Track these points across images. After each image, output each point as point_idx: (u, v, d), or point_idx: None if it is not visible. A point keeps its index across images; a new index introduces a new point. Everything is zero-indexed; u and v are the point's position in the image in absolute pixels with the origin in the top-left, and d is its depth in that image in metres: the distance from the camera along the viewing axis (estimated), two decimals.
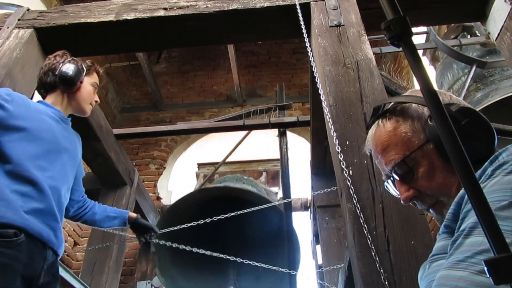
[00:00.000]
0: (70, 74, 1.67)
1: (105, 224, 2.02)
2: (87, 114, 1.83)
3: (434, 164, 0.75)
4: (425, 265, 0.71)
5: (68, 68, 1.67)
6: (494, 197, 0.55)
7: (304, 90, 5.72)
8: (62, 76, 1.67)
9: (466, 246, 0.54)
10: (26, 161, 1.44)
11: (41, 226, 1.41)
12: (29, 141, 1.48)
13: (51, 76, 1.69)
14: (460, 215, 0.60)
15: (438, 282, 0.55)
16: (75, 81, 1.69)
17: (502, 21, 1.73)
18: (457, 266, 0.53)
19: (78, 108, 1.76)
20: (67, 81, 1.67)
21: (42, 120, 1.56)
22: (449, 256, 0.57)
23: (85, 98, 1.76)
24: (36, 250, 1.40)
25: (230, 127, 3.28)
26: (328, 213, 3.02)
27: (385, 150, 0.81)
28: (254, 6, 1.95)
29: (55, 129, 1.60)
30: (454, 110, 0.73)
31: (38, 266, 1.40)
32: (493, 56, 3.17)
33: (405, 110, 0.81)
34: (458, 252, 0.55)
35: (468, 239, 0.54)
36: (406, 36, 0.50)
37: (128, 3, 2.06)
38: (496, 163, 0.61)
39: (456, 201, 0.63)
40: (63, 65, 1.69)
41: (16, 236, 1.31)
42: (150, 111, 5.91)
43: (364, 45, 1.70)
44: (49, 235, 1.44)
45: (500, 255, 0.38)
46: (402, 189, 0.80)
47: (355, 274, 1.19)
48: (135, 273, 3.94)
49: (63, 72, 1.67)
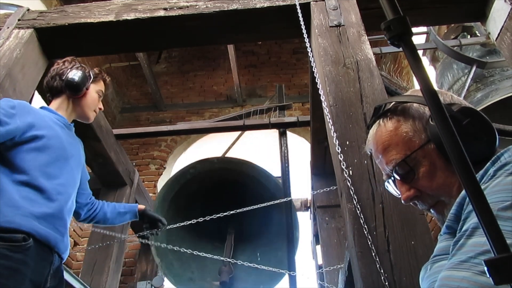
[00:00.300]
0: (77, 80, 1.70)
1: (116, 221, 2.06)
2: (91, 121, 1.87)
3: (435, 164, 0.75)
4: (427, 266, 0.71)
5: (75, 74, 1.70)
6: (496, 197, 0.55)
7: (304, 90, 5.71)
8: (69, 81, 1.70)
9: (468, 246, 0.54)
10: (35, 171, 1.46)
11: (49, 231, 1.43)
12: (39, 151, 1.50)
13: (58, 80, 1.72)
14: (462, 215, 0.60)
15: (441, 283, 0.55)
16: (81, 87, 1.72)
17: (502, 21, 1.73)
18: (460, 267, 0.53)
19: (82, 114, 1.79)
20: (73, 86, 1.70)
21: (49, 128, 1.58)
22: (451, 257, 0.57)
23: (89, 105, 1.78)
24: (43, 255, 1.41)
25: (230, 127, 3.29)
26: (328, 213, 3.02)
27: (386, 149, 0.81)
28: (254, 6, 1.94)
29: (61, 136, 1.62)
30: (456, 110, 0.73)
31: (45, 270, 1.42)
32: (493, 56, 3.17)
33: (406, 110, 0.81)
34: (460, 252, 0.55)
35: (471, 240, 0.54)
36: (406, 36, 0.50)
37: (128, 3, 2.06)
38: (498, 163, 0.61)
39: (458, 201, 0.63)
40: (71, 70, 1.72)
41: (24, 240, 1.33)
42: (150, 111, 5.91)
43: (364, 45, 1.69)
44: (56, 240, 1.46)
45: (500, 255, 0.38)
46: (403, 189, 0.80)
47: (355, 274, 1.19)
48: (135, 273, 3.94)
49: (70, 78, 1.70)
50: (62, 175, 1.55)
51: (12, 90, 1.78)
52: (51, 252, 1.45)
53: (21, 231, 1.34)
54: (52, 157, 1.53)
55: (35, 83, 1.97)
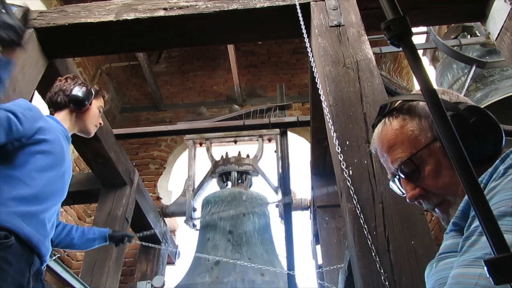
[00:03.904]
0: (81, 96, 1.77)
1: (84, 246, 2.06)
2: (91, 135, 1.92)
3: (440, 162, 0.75)
4: (432, 264, 0.70)
5: (79, 91, 1.78)
6: (509, 194, 0.55)
7: (304, 90, 5.71)
8: (74, 96, 1.77)
9: (482, 243, 0.54)
10: (32, 171, 1.48)
11: (32, 232, 1.42)
12: (42, 153, 1.53)
13: (62, 96, 1.78)
14: (471, 212, 0.60)
15: (455, 280, 0.54)
16: (85, 103, 1.79)
17: (502, 21, 1.73)
18: (476, 264, 0.52)
19: (84, 128, 1.85)
20: (77, 102, 1.78)
21: (55, 135, 1.62)
22: (462, 254, 0.56)
23: (91, 119, 1.85)
24: (23, 255, 1.40)
25: (230, 127, 3.29)
26: (328, 213, 3.02)
27: (391, 148, 0.80)
28: (254, 6, 1.94)
29: (63, 145, 1.66)
30: (462, 108, 0.73)
31: (25, 271, 1.41)
32: (493, 56, 3.17)
33: (412, 108, 0.80)
34: (474, 249, 0.54)
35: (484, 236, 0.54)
36: (406, 36, 0.50)
37: (128, 3, 2.06)
38: (508, 161, 0.61)
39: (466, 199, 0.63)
40: (75, 87, 1.79)
41: (6, 238, 1.32)
42: (150, 111, 5.91)
43: (364, 45, 1.69)
44: (38, 241, 1.45)
45: (500, 255, 0.38)
46: (408, 188, 0.79)
47: (355, 274, 1.19)
48: (135, 273, 3.94)
49: (74, 93, 1.77)
50: (55, 182, 1.58)
51: (12, 90, 1.79)
52: (31, 253, 1.44)
53: (3, 228, 1.32)
54: (52, 162, 1.56)
55: (35, 83, 1.97)
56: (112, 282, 2.71)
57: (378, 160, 1.28)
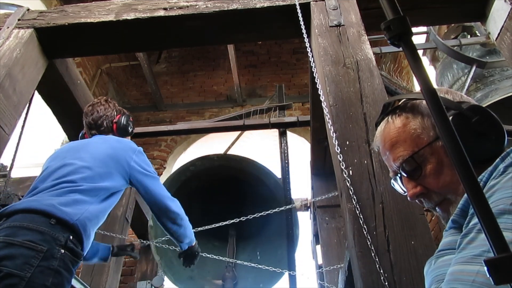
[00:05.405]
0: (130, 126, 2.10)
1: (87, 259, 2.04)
2: None
3: (442, 161, 0.75)
4: (431, 261, 0.71)
5: (127, 121, 2.08)
6: (508, 192, 0.55)
7: (304, 90, 5.71)
8: (124, 125, 2.05)
9: (481, 240, 0.54)
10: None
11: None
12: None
13: (108, 122, 2.01)
14: (470, 210, 0.60)
15: (453, 277, 0.55)
16: (131, 132, 2.12)
17: (502, 21, 1.73)
18: (474, 261, 0.52)
19: None
20: (126, 131, 2.07)
21: None
22: (460, 251, 0.56)
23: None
24: None
25: (230, 127, 3.29)
26: (328, 213, 3.02)
27: (393, 146, 0.81)
28: (254, 6, 1.94)
29: None
30: (465, 107, 0.73)
31: None
32: (493, 56, 3.17)
33: (415, 107, 0.81)
34: (472, 247, 0.54)
35: (482, 234, 0.54)
36: (406, 36, 0.50)
37: (128, 3, 2.06)
38: (508, 159, 0.61)
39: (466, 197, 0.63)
40: (122, 116, 2.06)
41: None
42: (150, 111, 5.91)
43: (364, 45, 1.69)
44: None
45: (500, 255, 0.38)
46: (410, 186, 0.80)
47: (355, 274, 1.19)
48: (135, 273, 3.94)
49: (123, 123, 2.05)
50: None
51: (12, 90, 1.79)
52: None
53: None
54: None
55: (35, 83, 1.97)
56: (112, 282, 2.71)
57: (378, 160, 1.29)
